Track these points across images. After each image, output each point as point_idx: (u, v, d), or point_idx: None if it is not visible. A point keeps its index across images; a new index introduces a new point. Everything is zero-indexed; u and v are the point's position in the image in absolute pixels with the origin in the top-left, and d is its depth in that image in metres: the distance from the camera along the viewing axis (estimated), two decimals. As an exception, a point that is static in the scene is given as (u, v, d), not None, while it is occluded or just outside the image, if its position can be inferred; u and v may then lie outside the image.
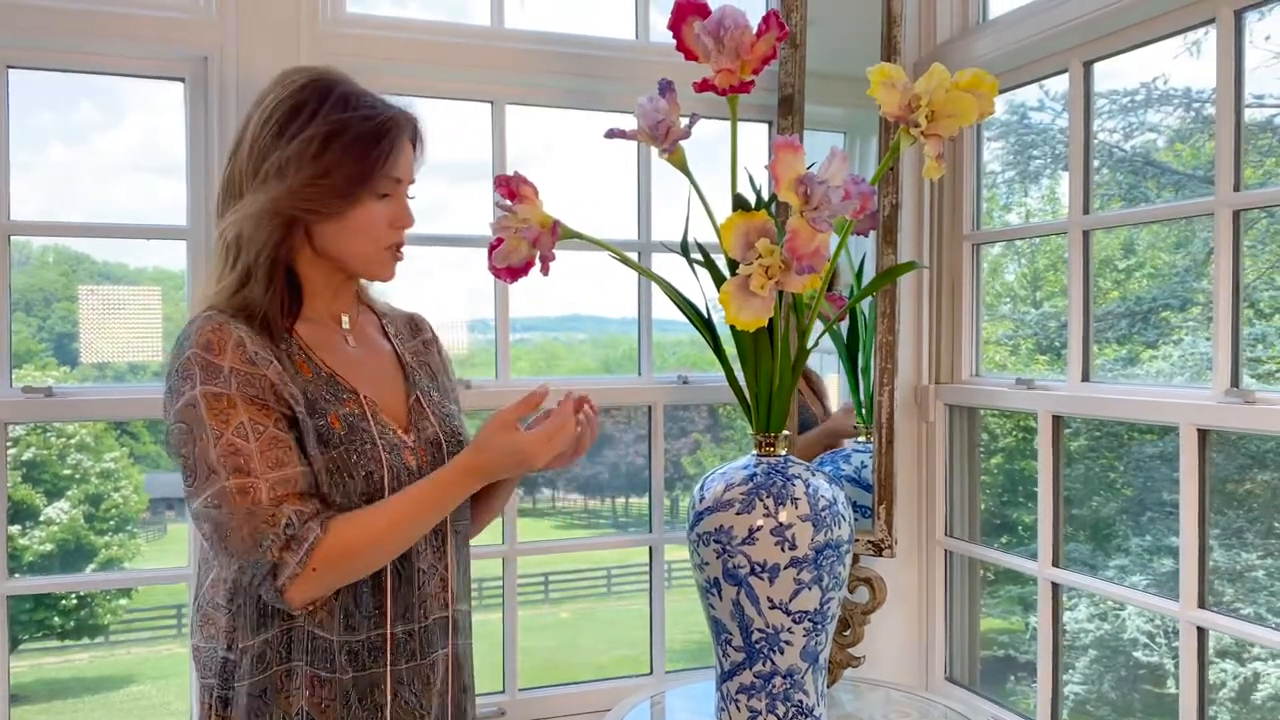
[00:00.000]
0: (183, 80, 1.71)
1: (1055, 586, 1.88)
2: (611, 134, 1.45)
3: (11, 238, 1.64)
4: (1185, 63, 1.86)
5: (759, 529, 1.40)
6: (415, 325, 1.44)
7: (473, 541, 1.44)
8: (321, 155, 1.19)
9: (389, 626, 1.20)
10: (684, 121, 1.37)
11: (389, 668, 1.20)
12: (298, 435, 1.17)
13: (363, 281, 1.37)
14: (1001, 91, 1.65)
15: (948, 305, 2.12)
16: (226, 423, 1.12)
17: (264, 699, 1.17)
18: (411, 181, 1.29)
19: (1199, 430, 1.58)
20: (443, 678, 1.27)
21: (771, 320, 1.40)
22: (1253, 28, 1.55)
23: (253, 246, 1.19)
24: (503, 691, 1.93)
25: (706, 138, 1.32)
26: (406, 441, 1.24)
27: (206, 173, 1.68)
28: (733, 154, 1.46)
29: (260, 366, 1.16)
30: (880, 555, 1.92)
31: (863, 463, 1.98)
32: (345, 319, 1.31)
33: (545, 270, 1.41)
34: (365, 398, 1.22)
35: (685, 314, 1.55)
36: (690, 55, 1.42)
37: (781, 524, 1.40)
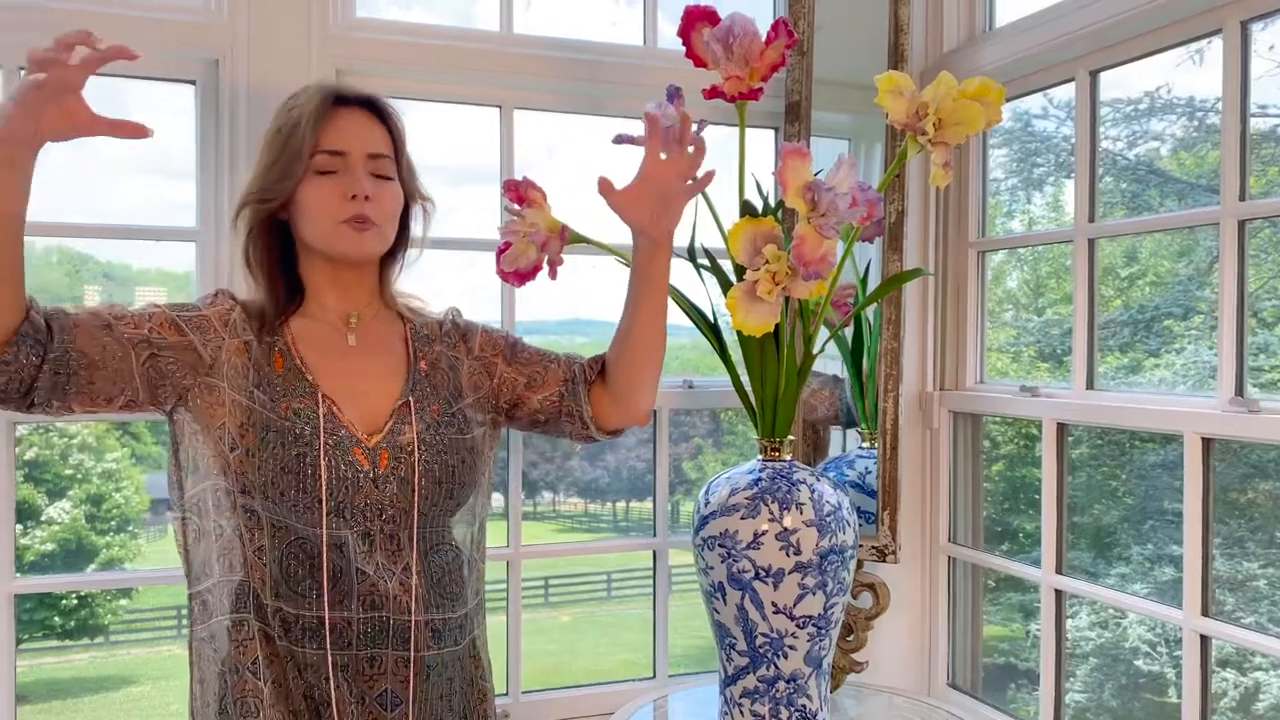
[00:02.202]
0: (193, 83, 1.72)
1: (1059, 594, 1.89)
2: (620, 139, 1.45)
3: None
4: (1188, 72, 1.86)
5: (764, 534, 1.40)
6: (441, 328, 1.40)
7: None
8: (268, 149, 1.27)
9: (325, 610, 1.21)
10: (692, 128, 1.38)
11: (329, 651, 1.21)
12: (175, 377, 1.21)
13: (394, 288, 1.38)
14: (1008, 100, 1.66)
15: (952, 312, 2.13)
16: (143, 313, 1.22)
17: (214, 641, 1.26)
18: (372, 155, 1.27)
19: (1203, 439, 1.59)
20: (398, 683, 1.25)
21: (777, 326, 1.41)
22: (1257, 38, 1.56)
23: (240, 246, 1.30)
24: (506, 694, 1.94)
25: (713, 144, 1.33)
26: (362, 440, 1.24)
27: (216, 175, 1.69)
28: (741, 160, 1.47)
29: (228, 333, 1.25)
30: (884, 561, 1.93)
31: (867, 468, 1.98)
32: (353, 318, 1.32)
33: (553, 275, 1.42)
34: (324, 394, 1.25)
35: (692, 319, 1.55)
36: (699, 62, 1.43)
37: (786, 529, 1.40)
